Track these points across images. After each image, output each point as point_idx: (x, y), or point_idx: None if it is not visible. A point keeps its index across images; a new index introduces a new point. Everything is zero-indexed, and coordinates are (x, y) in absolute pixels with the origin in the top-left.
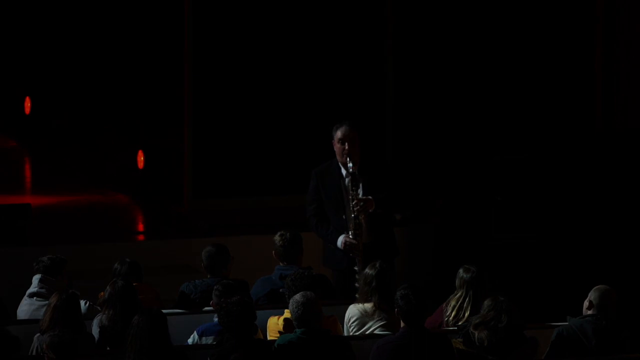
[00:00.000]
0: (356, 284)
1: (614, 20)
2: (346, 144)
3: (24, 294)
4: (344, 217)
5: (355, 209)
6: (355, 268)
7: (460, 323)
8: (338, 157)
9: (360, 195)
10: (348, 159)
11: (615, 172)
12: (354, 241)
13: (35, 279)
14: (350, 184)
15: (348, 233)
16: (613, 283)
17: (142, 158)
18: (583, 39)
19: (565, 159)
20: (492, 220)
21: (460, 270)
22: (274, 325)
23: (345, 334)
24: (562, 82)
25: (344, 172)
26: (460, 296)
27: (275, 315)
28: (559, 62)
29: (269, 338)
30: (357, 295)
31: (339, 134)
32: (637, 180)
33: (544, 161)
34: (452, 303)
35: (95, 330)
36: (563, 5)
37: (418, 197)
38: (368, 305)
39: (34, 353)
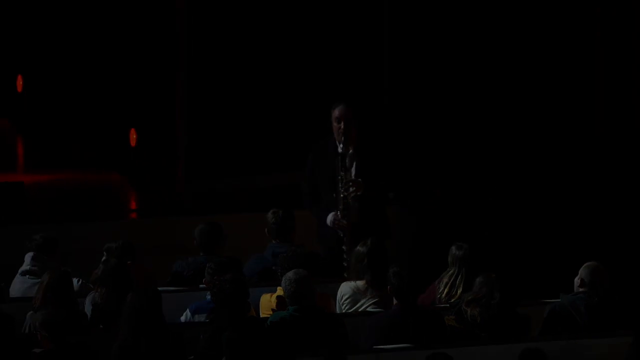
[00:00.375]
0: (344, 263)
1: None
2: (342, 123)
3: (17, 272)
4: (334, 195)
5: (343, 189)
6: (344, 247)
7: (452, 300)
8: (335, 136)
9: (352, 176)
10: (342, 139)
11: (608, 158)
12: (343, 220)
13: (28, 256)
14: (340, 165)
15: (337, 212)
16: (605, 260)
17: (134, 136)
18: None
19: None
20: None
21: (453, 248)
22: (267, 302)
23: (338, 311)
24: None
25: (339, 151)
26: (453, 273)
27: (268, 292)
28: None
29: (261, 316)
30: (345, 274)
31: (335, 112)
32: (624, 166)
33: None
34: (445, 280)
35: (88, 308)
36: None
37: (414, 183)
38: (360, 283)
39: (26, 331)
